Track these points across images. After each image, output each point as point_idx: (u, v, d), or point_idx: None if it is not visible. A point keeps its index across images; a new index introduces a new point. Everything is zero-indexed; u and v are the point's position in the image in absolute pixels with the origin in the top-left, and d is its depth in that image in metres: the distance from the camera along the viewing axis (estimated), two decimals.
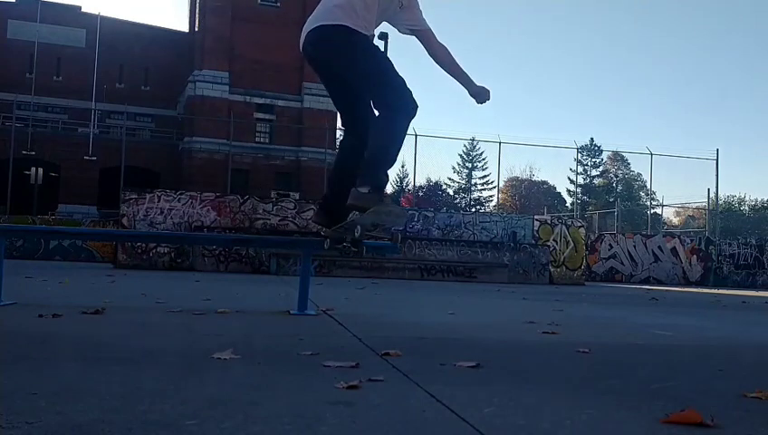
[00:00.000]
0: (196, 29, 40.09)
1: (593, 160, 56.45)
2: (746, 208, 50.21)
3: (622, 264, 20.66)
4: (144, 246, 13.59)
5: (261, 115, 38.63)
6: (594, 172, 58.08)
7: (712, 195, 24.93)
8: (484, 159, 52.81)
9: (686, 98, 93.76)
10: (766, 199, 50.95)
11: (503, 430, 1.39)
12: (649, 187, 29.78)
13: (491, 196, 53.58)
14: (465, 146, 51.77)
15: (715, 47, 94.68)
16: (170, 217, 14.06)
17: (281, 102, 38.96)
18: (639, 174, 48.61)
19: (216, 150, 34.79)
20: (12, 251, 17.66)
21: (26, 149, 31.10)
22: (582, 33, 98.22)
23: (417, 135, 23.75)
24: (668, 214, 37.19)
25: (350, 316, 3.95)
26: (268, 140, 38.80)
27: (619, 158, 54.10)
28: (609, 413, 1.59)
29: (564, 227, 17.03)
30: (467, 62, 3.46)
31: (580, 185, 50.78)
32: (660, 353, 2.95)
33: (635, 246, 20.83)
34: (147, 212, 13.98)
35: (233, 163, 29.40)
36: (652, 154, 25.48)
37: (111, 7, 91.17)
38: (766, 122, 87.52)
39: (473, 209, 47.87)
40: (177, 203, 14.23)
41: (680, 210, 33.52)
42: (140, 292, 5.80)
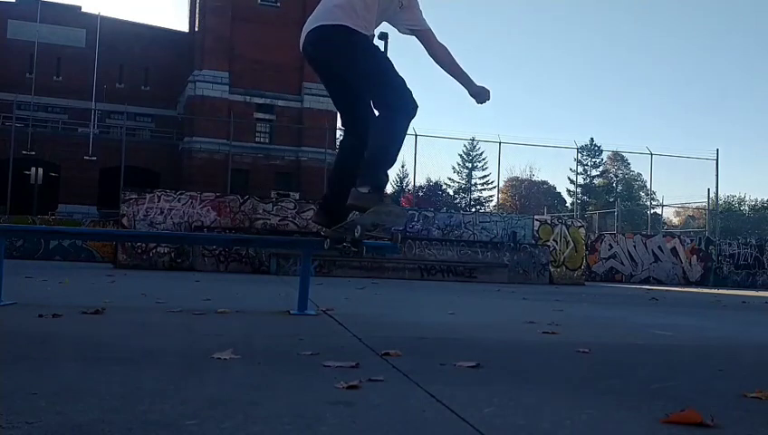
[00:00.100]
0: (196, 29, 40.10)
1: (593, 160, 56.48)
2: (746, 208, 50.22)
3: (622, 264, 20.65)
4: (144, 246, 13.59)
5: (261, 115, 38.64)
6: (594, 172, 58.12)
7: (712, 195, 24.95)
8: (484, 159, 52.89)
9: (686, 98, 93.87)
10: (766, 199, 51.01)
11: (503, 430, 1.39)
12: (649, 187, 29.81)
13: (491, 196, 53.66)
14: (465, 146, 51.83)
15: (714, 47, 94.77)
16: (170, 217, 14.06)
17: (281, 102, 38.97)
18: (639, 174, 48.69)
19: (216, 150, 34.80)
20: (12, 251, 17.66)
21: (26, 149, 31.11)
22: (582, 33, 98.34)
23: (417, 135, 23.74)
24: (668, 214, 37.23)
25: (350, 316, 3.95)
26: (268, 140, 38.80)
27: (619, 158, 54.12)
28: (609, 413, 1.59)
29: (564, 227, 17.02)
30: (467, 62, 3.46)
31: (580, 185, 50.78)
32: (660, 353, 2.95)
33: (635, 246, 20.83)
34: (147, 212, 13.98)
35: (233, 163, 29.41)
36: (652, 154, 25.49)
37: (111, 7, 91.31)
38: (766, 122, 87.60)
39: (473, 209, 47.88)
40: (177, 203, 14.23)
41: (680, 210, 33.54)
42: (140, 292, 5.80)
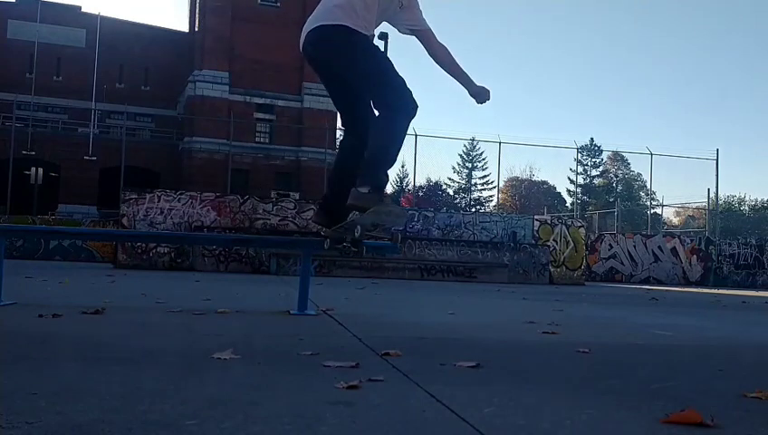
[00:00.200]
0: (196, 29, 40.10)
1: (593, 160, 56.48)
2: (746, 208, 50.22)
3: (622, 264, 20.65)
4: (144, 246, 13.59)
5: (261, 115, 38.64)
6: (594, 172, 58.13)
7: (712, 195, 24.95)
8: (484, 159, 52.91)
9: (686, 98, 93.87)
10: (766, 199, 51.02)
11: (503, 430, 1.39)
12: (649, 187, 29.81)
13: (491, 196, 53.67)
14: (465, 146, 51.84)
15: (714, 47, 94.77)
16: (170, 217, 14.06)
17: (281, 102, 38.97)
18: (639, 174, 48.70)
19: (216, 150, 34.80)
20: (12, 251, 17.66)
21: (26, 149, 31.11)
22: (582, 33, 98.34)
23: (417, 135, 23.74)
24: (668, 214, 37.23)
25: (350, 316, 3.95)
26: (268, 140, 38.80)
27: (619, 158, 54.12)
28: (609, 413, 1.59)
29: (564, 227, 17.02)
30: (467, 62, 3.46)
31: (580, 185, 50.78)
32: (660, 353, 2.94)
33: (635, 246, 20.83)
34: (147, 212, 13.98)
35: (233, 163, 29.40)
36: (652, 154, 25.48)
37: (111, 7, 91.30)
38: (766, 122, 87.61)
39: (473, 209, 47.89)
40: (177, 203, 14.23)
41: (680, 210, 33.54)
42: (140, 292, 5.80)
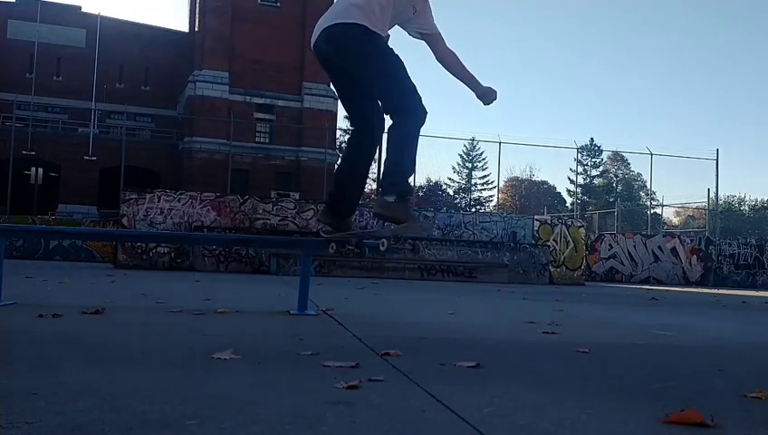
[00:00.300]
0: (196, 29, 40.09)
1: (593, 160, 56.51)
2: (746, 208, 50.25)
3: (622, 264, 20.65)
4: (144, 246, 13.58)
5: (261, 115, 38.62)
6: (594, 172, 58.16)
7: (712, 195, 24.93)
8: (484, 159, 52.95)
9: (686, 98, 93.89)
10: (766, 199, 51.06)
11: (503, 430, 1.39)
12: (649, 187, 29.78)
13: (491, 196, 53.70)
14: (465, 146, 51.93)
15: (715, 47, 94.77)
16: (170, 217, 14.05)
17: (281, 102, 38.96)
18: (639, 174, 48.74)
19: (216, 150, 34.79)
20: (12, 251, 17.65)
21: (26, 149, 31.09)
22: (582, 33, 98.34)
23: None
24: (668, 214, 37.26)
25: (350, 316, 3.95)
26: (268, 140, 38.79)
27: (619, 158, 54.15)
28: (610, 413, 1.59)
29: (564, 227, 17.01)
30: (467, 62, 3.46)
31: (580, 185, 50.78)
32: (660, 353, 2.95)
33: (635, 246, 20.82)
34: (147, 212, 13.98)
35: (233, 163, 29.38)
36: (652, 154, 25.47)
37: (111, 7, 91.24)
38: (766, 122, 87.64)
39: (473, 209, 47.91)
40: (177, 203, 14.22)
41: (680, 210, 33.55)
42: (140, 292, 5.79)
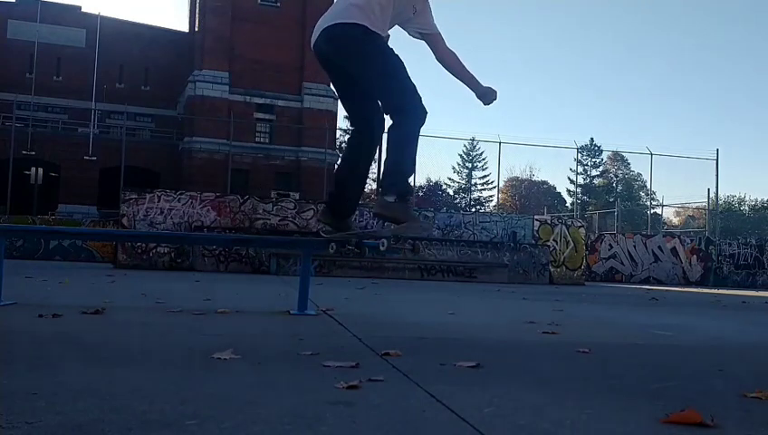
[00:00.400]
0: (196, 29, 40.09)
1: (593, 160, 56.51)
2: (746, 208, 50.26)
3: (622, 264, 20.65)
4: (144, 246, 13.58)
5: (261, 115, 38.62)
6: (594, 172, 58.16)
7: (712, 195, 24.92)
8: (484, 159, 52.96)
9: (686, 98, 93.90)
10: (766, 199, 51.07)
11: (503, 430, 1.39)
12: (649, 187, 29.78)
13: (491, 196, 53.71)
14: (465, 146, 51.93)
15: (715, 47, 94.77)
16: (170, 217, 14.05)
17: (281, 102, 38.96)
18: (639, 174, 48.74)
19: (216, 150, 34.79)
20: (12, 251, 17.65)
21: (26, 149, 31.09)
22: (582, 33, 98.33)
23: None
24: (668, 214, 37.27)
25: (350, 316, 3.95)
26: (268, 140, 38.78)
27: (619, 158, 54.15)
28: (610, 413, 1.59)
29: (564, 227, 17.01)
30: (467, 62, 3.46)
31: (580, 185, 50.78)
32: (660, 353, 2.95)
33: (635, 246, 20.82)
34: (147, 212, 13.98)
35: (233, 163, 29.38)
36: (652, 154, 25.46)
37: (111, 7, 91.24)
38: (766, 122, 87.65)
39: (473, 209, 47.91)
40: (177, 203, 14.22)
41: (680, 210, 33.55)
42: (140, 292, 5.79)
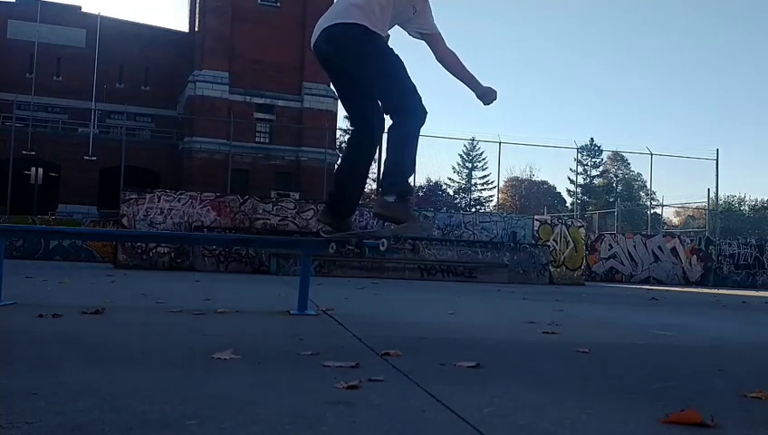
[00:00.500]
0: (196, 29, 40.08)
1: (593, 160, 56.51)
2: (746, 208, 50.26)
3: (622, 264, 20.64)
4: (144, 246, 13.58)
5: (261, 115, 38.62)
6: (594, 172, 58.16)
7: (712, 195, 24.92)
8: (484, 159, 52.97)
9: (686, 98, 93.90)
10: (766, 199, 51.07)
11: (503, 430, 1.39)
12: (649, 187, 29.78)
13: (491, 196, 53.71)
14: (465, 146, 51.94)
15: (715, 47, 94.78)
16: (170, 217, 14.05)
17: (281, 102, 38.96)
18: (639, 174, 48.75)
19: (216, 150, 34.78)
20: (12, 251, 17.65)
21: (26, 149, 31.08)
22: (582, 33, 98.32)
23: None
24: (668, 214, 37.27)
25: (350, 316, 3.95)
26: (268, 140, 38.78)
27: (619, 158, 54.14)
28: (610, 413, 1.59)
29: (564, 227, 17.01)
30: (467, 62, 3.46)
31: (580, 185, 50.78)
32: (660, 353, 2.95)
33: (635, 246, 20.81)
34: (147, 212, 13.98)
35: (233, 163, 29.38)
36: (652, 154, 25.46)
37: (111, 7, 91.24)
38: (766, 122, 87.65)
39: (473, 209, 47.91)
40: (177, 203, 14.22)
41: (680, 210, 33.55)
42: (140, 292, 5.79)
